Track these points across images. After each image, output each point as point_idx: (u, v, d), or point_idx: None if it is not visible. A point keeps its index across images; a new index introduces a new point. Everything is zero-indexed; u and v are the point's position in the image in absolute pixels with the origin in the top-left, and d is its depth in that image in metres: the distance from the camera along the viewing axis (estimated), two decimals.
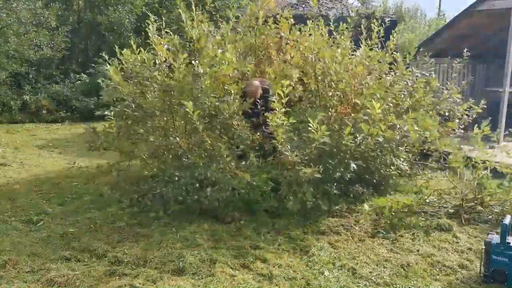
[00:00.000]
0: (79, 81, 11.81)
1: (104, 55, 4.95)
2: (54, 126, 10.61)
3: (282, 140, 4.02)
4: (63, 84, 11.74)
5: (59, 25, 11.79)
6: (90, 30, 13.37)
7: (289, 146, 4.06)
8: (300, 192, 3.98)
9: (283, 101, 4.02)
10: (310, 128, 3.91)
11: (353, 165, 4.15)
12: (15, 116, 10.76)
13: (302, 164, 4.00)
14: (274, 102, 4.03)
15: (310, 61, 4.62)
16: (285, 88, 4.03)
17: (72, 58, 12.86)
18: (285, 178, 4.07)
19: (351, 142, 4.11)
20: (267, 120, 4.13)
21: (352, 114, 4.56)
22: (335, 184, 4.28)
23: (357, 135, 4.26)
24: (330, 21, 4.99)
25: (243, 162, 4.35)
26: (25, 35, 10.49)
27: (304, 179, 3.91)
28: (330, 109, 4.53)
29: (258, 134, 4.54)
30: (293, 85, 4.60)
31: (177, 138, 4.43)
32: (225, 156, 4.19)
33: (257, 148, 4.50)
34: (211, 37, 4.74)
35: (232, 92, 4.39)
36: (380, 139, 4.22)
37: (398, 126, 4.29)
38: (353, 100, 4.64)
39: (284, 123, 4.00)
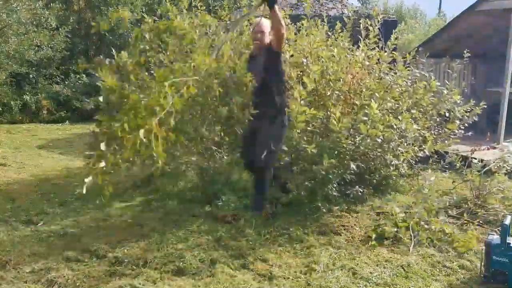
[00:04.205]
0: (79, 82, 11.81)
1: (102, 57, 4.93)
2: (54, 126, 10.62)
3: (299, 132, 4.00)
4: (63, 84, 11.75)
5: (59, 25, 11.78)
6: (90, 30, 13.36)
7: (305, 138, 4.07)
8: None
9: (309, 89, 3.95)
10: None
11: (352, 166, 4.15)
12: (15, 116, 10.76)
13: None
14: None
15: (308, 60, 4.61)
16: (311, 76, 3.97)
17: (72, 58, 12.84)
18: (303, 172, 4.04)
19: (350, 142, 4.11)
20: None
21: (351, 115, 4.56)
22: (335, 184, 4.28)
23: (356, 136, 4.26)
24: (326, 21, 4.98)
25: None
26: (25, 35, 10.48)
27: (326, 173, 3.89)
28: (329, 109, 4.53)
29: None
30: (292, 85, 4.60)
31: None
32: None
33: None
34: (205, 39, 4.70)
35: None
36: (379, 140, 4.22)
37: (396, 126, 4.29)
38: (352, 100, 4.63)
39: (306, 112, 3.92)
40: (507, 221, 2.99)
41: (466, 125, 5.15)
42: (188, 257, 3.29)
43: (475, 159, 4.71)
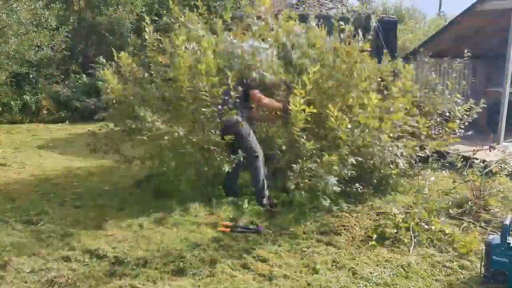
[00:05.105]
0: (79, 82, 11.81)
1: (101, 58, 4.94)
2: (54, 126, 10.62)
3: (298, 130, 4.00)
4: (63, 84, 11.75)
5: (60, 26, 11.78)
6: (90, 30, 13.36)
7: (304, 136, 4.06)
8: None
9: (308, 87, 3.96)
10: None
11: (351, 160, 4.11)
12: (15, 116, 10.76)
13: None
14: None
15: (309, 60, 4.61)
16: (311, 75, 3.98)
17: (72, 58, 12.83)
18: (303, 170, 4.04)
19: (348, 136, 4.08)
20: None
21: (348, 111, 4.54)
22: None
23: (355, 130, 4.23)
24: (326, 21, 4.98)
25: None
26: (25, 36, 10.47)
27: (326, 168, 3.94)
28: (327, 106, 4.51)
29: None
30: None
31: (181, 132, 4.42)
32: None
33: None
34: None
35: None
36: (376, 133, 4.19)
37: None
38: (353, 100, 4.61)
39: (306, 110, 3.94)
40: (507, 221, 2.99)
41: (466, 123, 5.14)
42: (188, 257, 3.29)
43: (477, 159, 4.70)
